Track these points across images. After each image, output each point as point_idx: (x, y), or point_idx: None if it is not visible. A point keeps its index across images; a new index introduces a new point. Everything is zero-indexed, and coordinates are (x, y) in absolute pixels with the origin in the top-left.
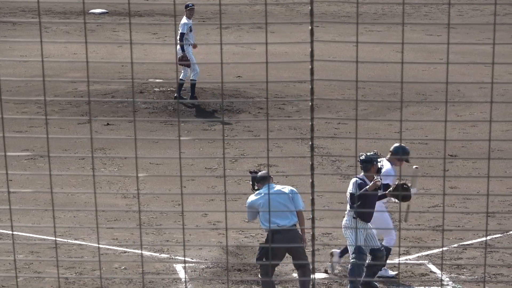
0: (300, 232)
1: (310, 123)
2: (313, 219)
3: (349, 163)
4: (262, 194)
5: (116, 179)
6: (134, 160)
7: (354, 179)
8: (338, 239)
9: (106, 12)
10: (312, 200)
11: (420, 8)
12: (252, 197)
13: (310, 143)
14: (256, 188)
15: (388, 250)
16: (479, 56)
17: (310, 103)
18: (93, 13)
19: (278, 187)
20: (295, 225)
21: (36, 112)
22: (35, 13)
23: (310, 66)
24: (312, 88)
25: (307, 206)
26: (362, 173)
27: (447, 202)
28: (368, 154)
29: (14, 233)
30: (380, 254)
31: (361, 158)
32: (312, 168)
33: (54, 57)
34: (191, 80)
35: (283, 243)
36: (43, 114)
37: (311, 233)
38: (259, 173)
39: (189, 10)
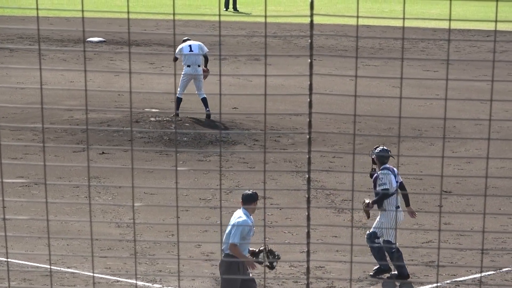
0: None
1: (307, 156)
2: (308, 252)
3: (344, 196)
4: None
5: (110, 208)
6: (128, 189)
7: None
8: (331, 272)
9: (104, 41)
10: (308, 233)
11: (417, 43)
12: (243, 217)
13: (307, 176)
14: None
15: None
16: (475, 92)
17: (308, 136)
18: (91, 42)
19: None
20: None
21: (32, 139)
22: (32, 40)
23: (308, 99)
24: (310, 121)
25: (304, 240)
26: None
27: (441, 238)
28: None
29: (8, 260)
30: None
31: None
32: (308, 201)
33: (51, 84)
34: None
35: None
36: (38, 141)
37: (306, 266)
38: (245, 193)
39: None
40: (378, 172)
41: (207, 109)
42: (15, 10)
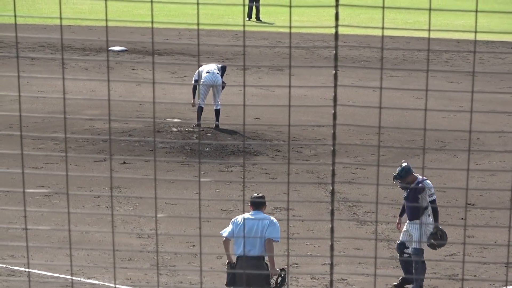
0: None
1: (331, 167)
2: (332, 265)
3: (366, 208)
4: (246, 218)
5: (131, 219)
6: (149, 199)
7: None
8: (353, 285)
9: (126, 50)
10: (332, 246)
11: (441, 54)
12: (239, 217)
13: (331, 188)
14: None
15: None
16: (499, 104)
17: (332, 148)
18: (113, 51)
19: (262, 216)
20: (262, 255)
21: (53, 148)
22: (53, 48)
23: (333, 111)
24: (334, 133)
25: (326, 252)
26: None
27: (464, 251)
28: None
29: (28, 270)
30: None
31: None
32: (332, 213)
33: (72, 93)
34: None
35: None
36: (59, 150)
37: (330, 279)
38: (255, 196)
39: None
40: (425, 182)
41: (217, 121)
42: (37, 19)
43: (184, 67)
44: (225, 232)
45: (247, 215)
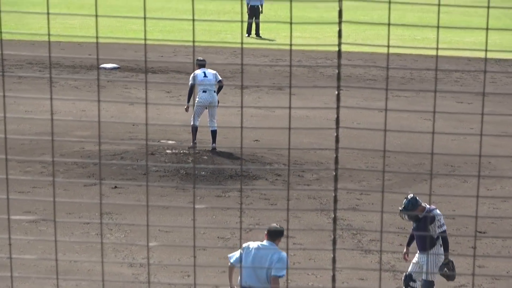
0: None
1: (334, 194)
2: None
3: (371, 236)
4: (256, 248)
5: (123, 247)
6: (141, 226)
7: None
8: None
9: (118, 68)
10: (333, 276)
11: (450, 73)
12: (250, 244)
13: (333, 215)
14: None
15: None
16: (511, 126)
17: (334, 173)
18: (104, 68)
19: (273, 248)
20: None
21: (40, 171)
22: (42, 66)
23: (335, 134)
24: (336, 157)
25: (328, 282)
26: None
27: (474, 282)
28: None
29: None
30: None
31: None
32: (334, 242)
33: (61, 113)
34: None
35: None
36: (47, 174)
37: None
38: (273, 226)
39: (199, 66)
40: (434, 212)
41: (214, 144)
42: (24, 35)
43: (180, 86)
44: (233, 257)
45: (258, 243)
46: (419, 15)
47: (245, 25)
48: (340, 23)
